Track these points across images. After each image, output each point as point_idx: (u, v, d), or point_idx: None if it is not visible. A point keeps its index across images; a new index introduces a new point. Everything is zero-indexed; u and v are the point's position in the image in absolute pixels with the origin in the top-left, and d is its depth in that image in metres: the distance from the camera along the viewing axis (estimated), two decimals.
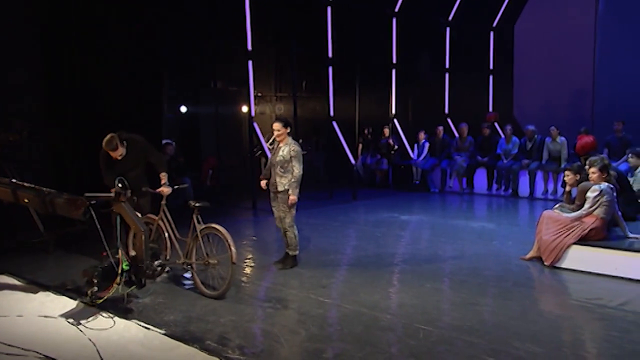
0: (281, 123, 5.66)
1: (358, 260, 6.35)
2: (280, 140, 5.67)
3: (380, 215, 9.18)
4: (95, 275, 4.50)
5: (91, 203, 4.40)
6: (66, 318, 4.36)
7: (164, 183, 5.46)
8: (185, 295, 5.01)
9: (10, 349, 3.73)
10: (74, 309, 4.59)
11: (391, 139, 12.50)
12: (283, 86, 13.38)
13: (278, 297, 4.95)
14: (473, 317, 4.53)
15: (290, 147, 5.58)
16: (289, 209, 5.59)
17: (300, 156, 5.61)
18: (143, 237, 4.58)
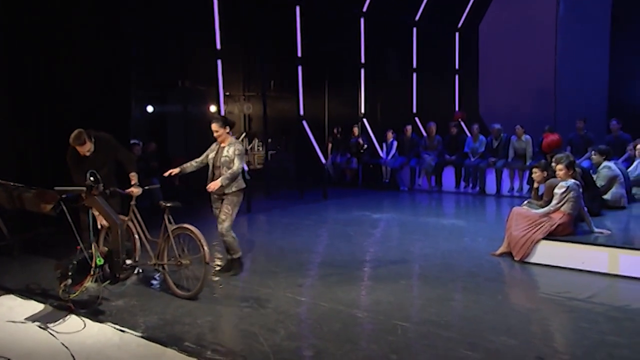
0: (218, 123, 5.42)
1: (332, 259, 6.37)
2: (221, 141, 5.46)
3: (351, 214, 9.24)
4: (69, 268, 4.39)
5: (62, 197, 4.27)
6: (36, 322, 4.24)
7: (134, 183, 5.36)
8: (159, 297, 4.94)
9: None
10: (44, 313, 4.48)
11: (360, 138, 12.58)
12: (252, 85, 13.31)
13: (254, 297, 4.93)
14: (448, 312, 4.62)
15: (235, 147, 5.39)
16: (231, 212, 5.45)
17: (243, 155, 5.49)
18: (119, 230, 4.49)
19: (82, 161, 5.28)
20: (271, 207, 9.99)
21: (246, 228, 8.66)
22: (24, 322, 4.25)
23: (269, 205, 10.17)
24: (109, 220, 4.60)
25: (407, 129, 12.49)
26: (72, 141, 5.22)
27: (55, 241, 6.23)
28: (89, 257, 4.46)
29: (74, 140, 5.22)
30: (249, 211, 9.38)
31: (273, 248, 6.90)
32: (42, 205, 4.25)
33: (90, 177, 4.51)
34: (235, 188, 5.38)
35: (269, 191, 11.37)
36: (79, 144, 5.22)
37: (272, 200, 10.81)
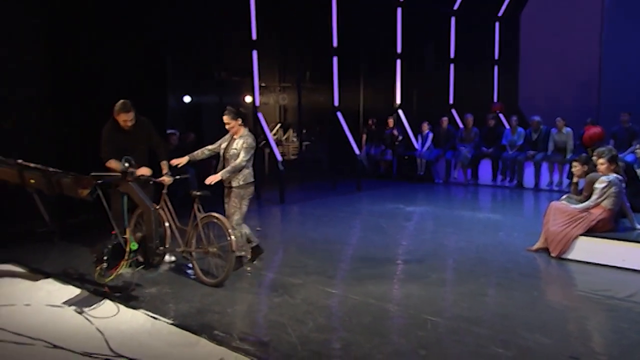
0: (230, 115, 5.30)
1: (364, 252, 6.34)
2: (234, 133, 5.35)
3: (384, 206, 9.17)
4: (104, 253, 4.50)
5: (98, 182, 4.36)
6: (73, 307, 4.36)
7: (165, 172, 5.45)
8: (191, 285, 5.01)
9: (19, 338, 3.73)
10: (80, 298, 4.60)
11: (395, 129, 12.47)
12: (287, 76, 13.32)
13: (284, 287, 4.95)
14: (480, 307, 4.52)
15: (245, 140, 5.28)
16: (240, 205, 5.39)
17: (251, 150, 5.26)
18: (152, 216, 4.55)
19: (118, 137, 5.35)
20: (304, 198, 10.00)
21: (279, 219, 8.70)
22: (62, 306, 4.38)
23: (302, 196, 10.19)
24: (142, 206, 4.67)
25: (443, 120, 12.28)
26: (119, 108, 5.30)
27: (94, 227, 6.37)
28: (123, 242, 4.55)
29: (120, 107, 5.30)
30: (282, 202, 9.43)
31: (305, 239, 6.90)
32: (79, 191, 4.34)
33: (125, 162, 4.58)
34: (242, 181, 5.26)
35: (303, 182, 11.39)
36: (124, 111, 5.30)
37: (306, 191, 10.82)
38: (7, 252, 5.93)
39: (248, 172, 5.31)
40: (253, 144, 5.28)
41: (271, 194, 9.83)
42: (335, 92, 11.36)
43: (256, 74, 9.92)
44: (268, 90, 12.94)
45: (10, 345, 3.64)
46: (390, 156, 12.48)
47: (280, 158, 9.76)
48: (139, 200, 4.58)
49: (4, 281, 5.04)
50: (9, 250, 6.06)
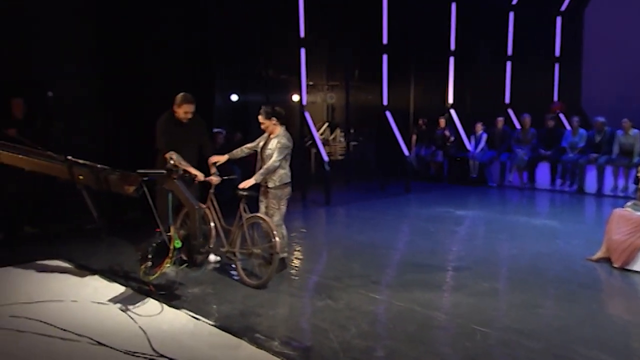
0: (262, 115, 5.31)
1: (411, 257, 6.26)
2: (270, 132, 5.36)
3: (434, 209, 9.04)
4: (148, 251, 4.63)
5: (144, 179, 4.48)
6: (118, 304, 4.50)
7: (213, 172, 5.55)
8: (234, 287, 5.08)
9: (66, 334, 3.88)
10: (125, 296, 4.74)
11: (447, 130, 12.29)
12: (335, 74, 13.31)
13: (327, 291, 4.94)
14: (534, 319, 4.37)
15: (279, 139, 5.27)
16: (278, 206, 5.33)
17: (285, 150, 5.24)
18: (196, 214, 4.64)
19: (174, 130, 5.47)
20: (351, 200, 9.99)
21: (324, 220, 8.72)
22: (107, 304, 4.53)
23: (348, 198, 10.17)
24: (187, 204, 4.76)
25: (499, 120, 11.98)
26: (182, 99, 5.44)
27: (141, 225, 6.57)
28: (167, 240, 4.65)
29: (184, 98, 5.44)
30: (327, 203, 9.44)
31: (350, 242, 6.89)
32: (126, 187, 4.47)
33: (170, 160, 4.69)
34: (278, 182, 5.24)
35: (349, 183, 11.38)
36: (187, 102, 5.44)
37: (352, 192, 10.80)
38: (56, 248, 6.18)
39: (284, 172, 5.31)
40: (287, 144, 5.28)
41: (317, 195, 9.86)
42: (385, 90, 11.29)
43: (304, 73, 9.98)
44: (316, 89, 12.96)
45: (57, 341, 3.80)
46: (441, 157, 12.31)
47: (326, 158, 9.78)
48: (184, 198, 4.68)
49: (53, 277, 5.26)
50: (58, 246, 6.32)
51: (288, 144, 5.28)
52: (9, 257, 5.79)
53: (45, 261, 5.70)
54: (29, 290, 4.81)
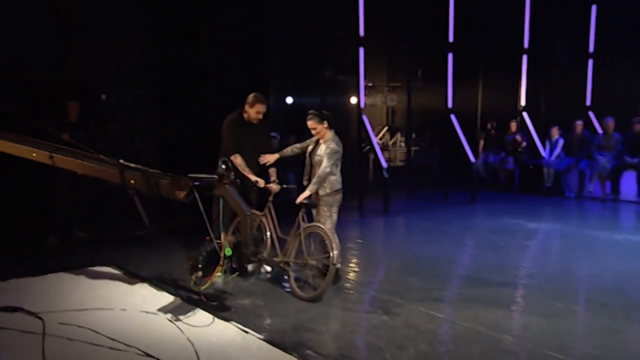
0: (315, 119, 5.33)
1: (476, 272, 6.13)
2: (320, 137, 5.38)
3: (503, 221, 8.85)
4: (199, 260, 4.72)
5: (195, 184, 4.60)
6: (166, 314, 4.64)
7: (273, 180, 5.66)
8: (285, 299, 5.13)
9: (114, 343, 4.04)
10: (174, 305, 4.88)
11: (519, 134, 12.05)
12: (396, 75, 13.27)
13: (384, 307, 4.91)
14: (616, 346, 4.18)
15: (327, 145, 5.29)
16: (329, 213, 5.33)
17: (335, 155, 5.26)
18: (248, 221, 4.71)
19: (241, 132, 5.61)
20: (411, 209, 9.90)
21: (382, 231, 8.68)
22: (156, 313, 4.68)
23: (408, 207, 10.09)
24: (238, 211, 4.84)
25: (578, 124, 11.57)
26: (255, 99, 5.59)
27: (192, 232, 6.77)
28: (218, 248, 4.74)
29: (256, 98, 5.59)
30: (386, 212, 9.39)
31: (409, 255, 6.83)
32: (176, 192, 4.60)
33: (222, 165, 4.78)
34: (329, 189, 5.27)
35: (410, 191, 11.29)
36: (260, 102, 5.58)
37: (413, 201, 10.71)
38: (106, 255, 6.46)
39: (335, 178, 5.34)
40: (337, 149, 5.31)
41: (374, 204, 9.83)
42: (450, 92, 11.12)
43: (362, 73, 9.98)
44: (375, 91, 12.98)
45: (106, 350, 3.96)
46: (511, 165, 12.08)
47: (385, 164, 9.73)
48: (235, 204, 4.76)
49: (103, 284, 5.49)
50: (109, 252, 6.60)
51: (337, 149, 5.32)
52: (61, 262, 6.10)
53: (95, 267, 5.96)
54: (79, 297, 5.04)
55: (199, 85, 8.26)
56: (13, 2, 7.35)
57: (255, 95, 5.63)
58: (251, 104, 5.61)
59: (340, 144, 5.38)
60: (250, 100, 5.62)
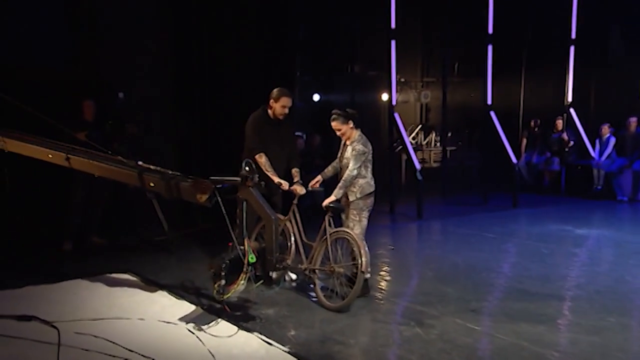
0: (339, 120, 5.29)
1: (518, 282, 6.06)
2: (347, 139, 5.36)
3: (548, 227, 8.76)
4: (222, 267, 4.76)
5: (217, 187, 4.65)
6: (186, 325, 4.70)
7: (297, 181, 5.68)
8: (311, 309, 5.15)
9: (132, 354, 4.10)
10: (195, 315, 4.94)
11: (565, 132, 11.92)
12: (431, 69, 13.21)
13: (418, 319, 4.89)
14: None
15: (353, 146, 5.26)
16: (359, 218, 5.31)
17: (362, 157, 5.22)
18: (272, 226, 4.73)
19: (265, 129, 5.66)
20: (447, 214, 9.84)
21: (415, 237, 8.64)
22: (175, 324, 4.74)
23: (444, 212, 10.03)
24: (262, 215, 4.87)
25: (632, 122, 11.40)
26: (280, 92, 5.63)
27: (213, 238, 6.86)
28: (241, 254, 4.77)
29: (281, 91, 5.63)
30: (419, 217, 9.36)
31: (445, 263, 6.79)
32: (198, 196, 4.64)
33: (245, 166, 4.81)
34: (359, 194, 5.26)
35: (445, 195, 11.22)
36: (286, 95, 5.62)
37: (449, 205, 10.65)
38: (124, 262, 6.57)
39: (364, 182, 5.32)
40: (363, 149, 5.27)
41: (407, 208, 9.79)
42: (489, 87, 11.02)
43: (394, 68, 9.96)
44: (408, 86, 12.93)
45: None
46: (557, 166, 11.98)
47: (419, 166, 9.70)
48: (259, 208, 4.78)
49: (121, 292, 5.59)
50: (127, 259, 6.71)
51: (364, 149, 5.29)
52: (77, 269, 6.24)
53: (112, 274, 6.08)
54: (96, 306, 5.14)
55: (221, 83, 8.37)
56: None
57: (280, 89, 5.68)
58: (276, 97, 5.65)
59: (369, 143, 5.37)
60: (275, 95, 5.66)
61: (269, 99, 5.71)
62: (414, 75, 13.51)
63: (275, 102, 5.66)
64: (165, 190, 4.83)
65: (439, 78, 12.26)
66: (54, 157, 5.11)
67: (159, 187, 4.86)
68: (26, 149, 5.18)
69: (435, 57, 13.18)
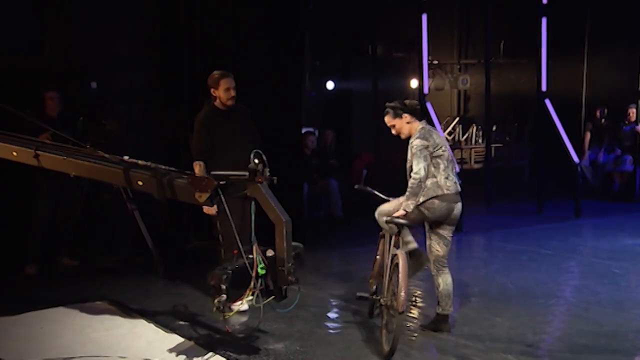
0: (390, 114, 5.29)
1: (584, 309, 6.05)
2: (405, 136, 5.32)
3: (619, 241, 8.75)
4: (223, 279, 4.68)
5: (220, 184, 4.64)
6: None
7: None
8: (329, 343, 5.16)
9: None
10: (186, 351, 4.95)
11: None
12: (470, 50, 13.19)
13: (461, 355, 4.89)
14: None
15: (411, 143, 5.21)
16: (431, 237, 5.30)
17: (423, 151, 5.11)
18: (284, 229, 4.67)
19: (216, 124, 5.83)
20: (492, 226, 9.88)
21: (454, 254, 8.60)
22: None
23: (489, 223, 10.07)
24: (273, 215, 4.81)
25: None
26: (217, 76, 5.82)
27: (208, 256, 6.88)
28: (248, 265, 4.71)
29: (219, 74, 5.82)
30: (459, 231, 9.29)
31: (492, 285, 6.80)
32: (197, 195, 4.63)
33: (254, 158, 4.75)
34: (421, 199, 5.13)
35: (491, 202, 11.19)
36: (225, 76, 5.81)
37: (495, 215, 10.67)
38: (100, 287, 6.62)
39: (431, 182, 5.15)
40: (422, 143, 5.13)
41: None
42: (544, 70, 11.00)
43: (425, 48, 9.98)
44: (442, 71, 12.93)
45: None
46: (630, 165, 11.95)
47: (457, 168, 9.67)
48: (269, 208, 4.73)
49: (97, 324, 5.62)
50: (104, 284, 6.76)
51: (423, 143, 5.13)
52: (43, 297, 6.28)
53: (87, 303, 6.10)
54: (68, 342, 5.16)
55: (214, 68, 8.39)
56: None
57: (214, 73, 5.88)
58: (214, 83, 5.84)
59: (433, 134, 5.22)
60: (212, 81, 5.85)
61: (209, 89, 5.91)
62: (449, 56, 13.51)
63: (217, 88, 5.84)
64: (157, 189, 4.81)
65: (481, 60, 12.25)
66: (19, 154, 5.11)
67: (149, 187, 4.83)
68: None
69: (476, 34, 13.18)
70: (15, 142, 5.16)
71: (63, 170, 5.15)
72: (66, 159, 5.05)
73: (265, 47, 8.53)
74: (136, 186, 4.91)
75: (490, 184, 11.38)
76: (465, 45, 13.52)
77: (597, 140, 12.27)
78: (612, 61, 12.41)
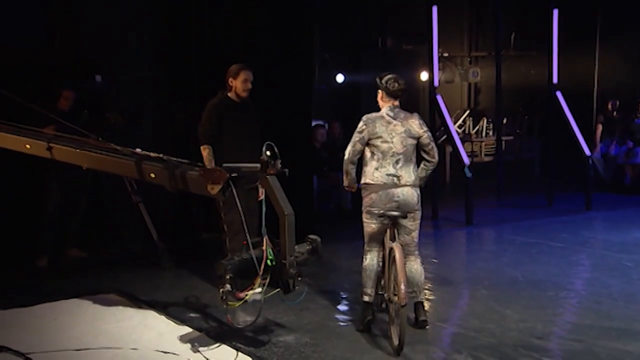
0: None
1: (595, 302, 6.04)
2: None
3: (630, 234, 8.73)
4: (227, 269, 4.69)
5: (232, 176, 4.68)
6: (187, 354, 4.76)
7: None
8: (339, 335, 5.18)
9: None
10: (197, 343, 4.98)
11: None
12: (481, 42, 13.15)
13: (470, 347, 4.89)
14: None
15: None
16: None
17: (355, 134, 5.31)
18: (286, 222, 4.68)
19: (228, 115, 6.03)
20: (502, 219, 9.86)
21: (464, 247, 8.65)
22: (174, 354, 4.79)
23: (499, 216, 10.06)
24: (278, 208, 4.84)
25: None
26: (237, 67, 6.06)
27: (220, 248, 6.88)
28: (257, 256, 4.71)
29: (239, 66, 6.06)
30: (469, 223, 9.35)
31: (502, 279, 6.79)
32: (209, 187, 4.67)
33: (266, 150, 4.76)
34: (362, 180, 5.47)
35: (501, 195, 11.17)
36: (245, 69, 6.04)
37: (505, 208, 10.65)
38: (111, 279, 6.68)
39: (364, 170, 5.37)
40: (359, 128, 5.30)
41: (454, 212, 9.77)
42: (555, 62, 10.95)
43: (435, 40, 9.96)
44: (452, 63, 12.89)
45: None
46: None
47: (467, 160, 9.67)
48: (276, 200, 4.76)
49: (108, 316, 5.66)
50: (113, 276, 6.82)
51: (362, 127, 5.27)
52: (55, 289, 6.34)
53: (98, 295, 6.15)
54: (78, 334, 5.22)
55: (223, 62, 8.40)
56: None
57: (236, 64, 6.12)
58: (235, 73, 6.06)
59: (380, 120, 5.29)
60: (233, 71, 6.08)
61: (227, 79, 6.11)
62: (459, 48, 13.48)
63: (235, 78, 6.07)
64: (170, 181, 4.86)
65: (491, 52, 12.21)
66: (33, 147, 5.17)
67: (161, 179, 4.88)
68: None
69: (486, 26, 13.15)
70: (25, 134, 5.21)
71: (76, 162, 5.21)
72: (79, 151, 5.11)
73: (275, 41, 8.54)
74: (148, 178, 4.95)
75: (500, 177, 11.38)
76: (476, 37, 13.50)
77: (608, 132, 12.23)
78: (624, 53, 12.37)
